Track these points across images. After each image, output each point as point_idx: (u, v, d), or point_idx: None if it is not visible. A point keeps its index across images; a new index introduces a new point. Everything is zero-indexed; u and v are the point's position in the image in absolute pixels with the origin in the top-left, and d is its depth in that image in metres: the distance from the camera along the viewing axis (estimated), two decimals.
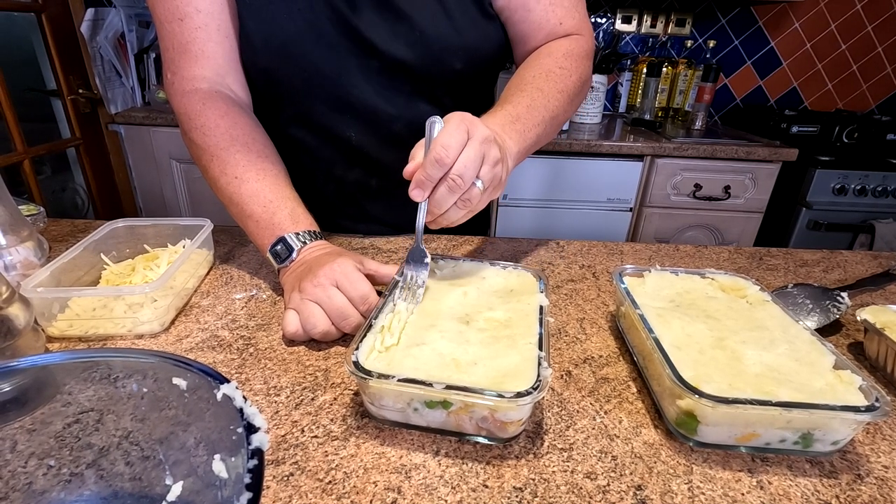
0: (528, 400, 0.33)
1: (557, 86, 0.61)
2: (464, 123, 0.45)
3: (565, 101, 0.62)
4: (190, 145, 0.61)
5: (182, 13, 0.59)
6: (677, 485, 0.35)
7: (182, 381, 0.29)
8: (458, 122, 0.45)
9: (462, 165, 0.44)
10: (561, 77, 0.62)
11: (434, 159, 0.43)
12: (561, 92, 0.61)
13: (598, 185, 1.71)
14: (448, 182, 0.44)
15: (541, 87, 0.60)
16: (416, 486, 0.34)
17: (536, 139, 0.58)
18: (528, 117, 0.56)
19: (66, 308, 0.49)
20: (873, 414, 0.34)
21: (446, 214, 0.47)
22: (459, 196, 0.46)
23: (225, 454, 0.27)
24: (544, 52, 0.65)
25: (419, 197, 0.46)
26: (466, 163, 0.44)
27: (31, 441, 0.30)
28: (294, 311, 0.48)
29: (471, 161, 0.44)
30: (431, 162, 0.43)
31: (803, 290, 0.59)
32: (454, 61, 0.65)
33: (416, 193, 0.46)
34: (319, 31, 0.62)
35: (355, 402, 0.41)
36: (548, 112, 0.59)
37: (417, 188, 0.46)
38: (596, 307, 0.58)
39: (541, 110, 0.58)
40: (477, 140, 0.45)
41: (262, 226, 0.56)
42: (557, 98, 0.60)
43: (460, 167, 0.44)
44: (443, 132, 0.44)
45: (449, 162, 0.43)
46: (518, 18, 0.66)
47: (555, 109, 0.60)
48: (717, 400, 0.34)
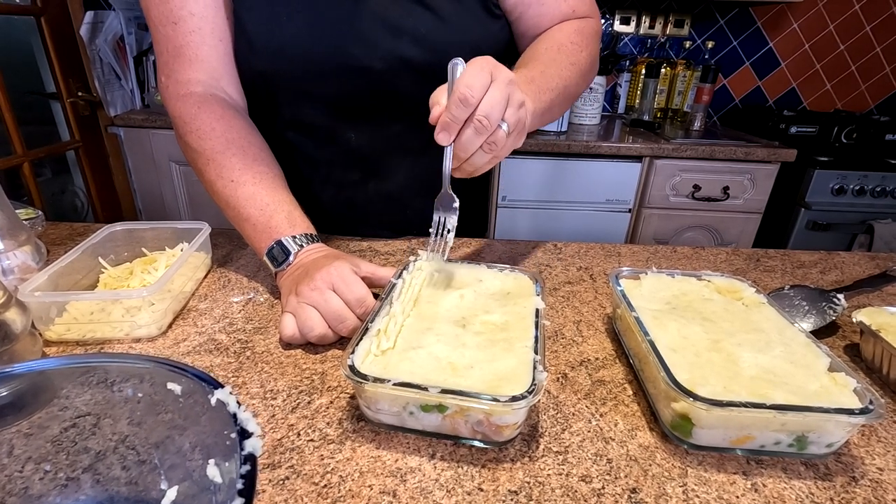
0: (523, 404, 0.34)
1: (570, 58, 0.62)
2: (487, 65, 0.44)
3: (577, 73, 0.62)
4: (185, 149, 0.62)
5: (176, 17, 0.59)
6: (672, 488, 0.35)
7: (177, 386, 0.29)
8: (481, 64, 0.44)
9: (488, 105, 0.43)
10: (573, 51, 0.63)
11: (459, 99, 0.42)
12: (573, 64, 0.62)
13: (596, 186, 1.71)
14: (474, 123, 0.44)
15: (554, 58, 0.61)
16: (411, 489, 0.34)
17: (550, 104, 0.58)
18: (541, 81, 0.56)
19: (64, 312, 0.49)
20: (867, 416, 0.34)
21: (472, 159, 0.47)
22: (485, 138, 0.45)
23: (219, 459, 0.27)
24: (556, 29, 0.67)
25: (445, 140, 0.45)
26: (492, 102, 0.44)
27: (27, 445, 0.30)
28: (291, 314, 0.48)
29: (496, 101, 0.44)
30: (456, 102, 0.42)
31: (800, 292, 0.59)
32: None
33: (442, 137, 0.45)
34: (320, 32, 0.62)
35: (351, 405, 0.41)
36: (561, 80, 0.59)
37: (443, 131, 0.45)
38: (593, 309, 0.58)
39: (554, 77, 0.58)
40: (502, 81, 0.45)
41: (258, 229, 0.56)
42: (570, 69, 0.61)
43: (486, 107, 0.43)
44: (466, 73, 0.43)
45: (474, 101, 0.43)
46: (533, 13, 0.67)
47: (567, 79, 0.60)
48: (712, 403, 0.35)
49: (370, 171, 0.74)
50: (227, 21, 0.62)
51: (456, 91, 0.43)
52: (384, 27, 0.62)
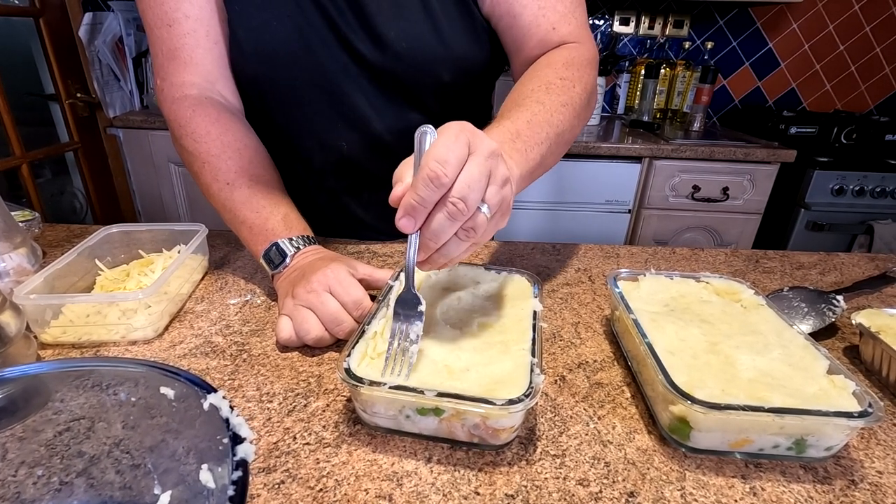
0: (519, 407, 0.33)
1: (560, 98, 0.54)
2: (463, 134, 0.36)
3: (571, 115, 0.54)
4: (181, 152, 0.61)
5: (170, 19, 0.59)
6: (670, 491, 0.34)
7: (170, 390, 0.29)
8: (456, 133, 0.36)
9: (464, 185, 0.35)
10: (563, 88, 0.55)
11: (428, 178, 0.34)
12: (565, 105, 0.54)
13: (596, 186, 1.71)
14: (447, 207, 0.35)
15: (541, 100, 0.52)
16: (407, 493, 0.34)
17: (541, 160, 0.50)
18: (529, 135, 0.49)
19: (60, 314, 0.48)
20: (866, 419, 0.34)
21: (444, 249, 0.38)
22: (461, 224, 0.37)
23: (213, 464, 0.26)
24: (542, 63, 0.59)
25: (409, 227, 0.37)
26: (469, 182, 0.35)
27: (21, 449, 0.30)
28: (287, 316, 0.48)
29: (475, 180, 0.35)
30: (425, 181, 0.34)
31: (799, 294, 0.59)
32: (442, 72, 0.64)
33: (404, 223, 0.36)
34: (309, 40, 0.61)
35: (348, 408, 0.41)
36: (552, 128, 0.51)
37: (407, 216, 0.36)
38: (591, 311, 0.58)
39: (544, 126, 0.50)
40: (482, 154, 0.36)
41: (255, 231, 0.56)
42: (561, 112, 0.53)
43: (462, 187, 0.35)
44: (437, 144, 0.35)
45: (447, 181, 0.34)
46: (505, 25, 0.62)
47: (559, 125, 0.52)
48: (710, 406, 0.34)
49: (363, 179, 0.74)
50: (222, 24, 0.62)
51: (424, 167, 0.34)
52: (371, 35, 0.61)
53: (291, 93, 0.65)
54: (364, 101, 0.66)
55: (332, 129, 0.68)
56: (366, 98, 0.66)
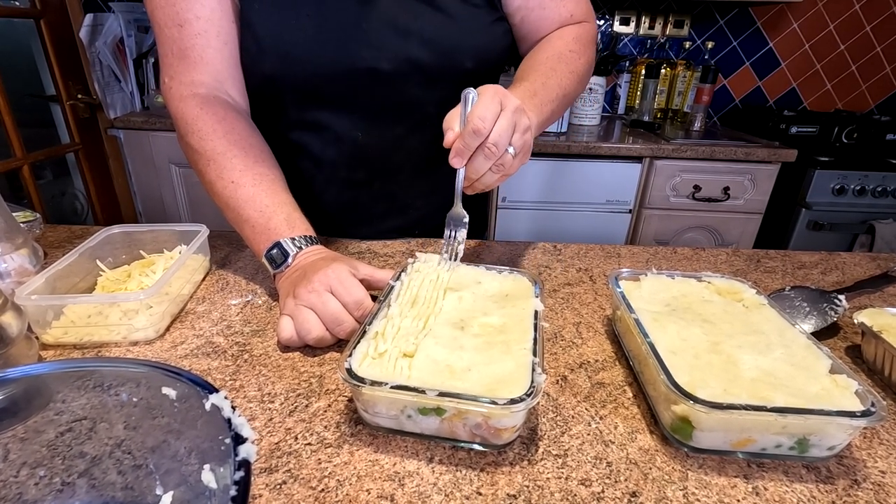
0: (521, 407, 0.33)
1: (569, 66, 0.66)
2: (497, 95, 0.50)
3: (575, 80, 0.67)
4: (186, 150, 0.62)
5: (182, 19, 0.59)
6: (672, 491, 0.34)
7: (172, 390, 0.29)
8: (492, 94, 0.49)
9: (497, 134, 0.49)
10: (571, 59, 0.67)
11: (472, 130, 0.48)
12: (572, 73, 0.66)
13: (597, 186, 1.71)
14: (485, 150, 0.49)
15: (554, 67, 0.65)
16: (409, 493, 0.34)
17: (551, 114, 0.63)
18: (543, 93, 0.61)
19: (61, 315, 0.48)
20: (869, 419, 0.34)
21: (482, 179, 0.52)
22: (494, 161, 0.50)
23: (214, 464, 0.26)
24: (555, 36, 0.71)
25: (459, 164, 0.51)
26: (501, 132, 0.49)
27: (23, 450, 0.30)
28: (289, 316, 0.48)
29: (504, 130, 0.49)
30: (469, 132, 0.48)
31: (800, 293, 0.59)
32: (465, 61, 0.67)
33: (456, 161, 0.50)
34: (328, 36, 0.62)
35: (349, 408, 0.41)
36: (561, 90, 0.64)
37: (457, 156, 0.50)
38: (592, 311, 0.58)
39: (555, 88, 0.63)
40: (509, 110, 0.50)
41: (257, 230, 0.56)
42: (569, 78, 0.66)
43: (495, 136, 0.48)
44: (479, 104, 0.49)
45: (486, 132, 0.48)
46: (535, 17, 0.71)
47: (566, 88, 0.65)
48: (712, 406, 0.34)
49: (375, 171, 0.74)
50: (232, 24, 0.62)
51: (470, 122, 0.48)
52: (392, 29, 0.63)
53: (309, 88, 0.66)
54: (382, 93, 0.67)
55: (348, 121, 0.69)
56: (384, 90, 0.67)
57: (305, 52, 0.62)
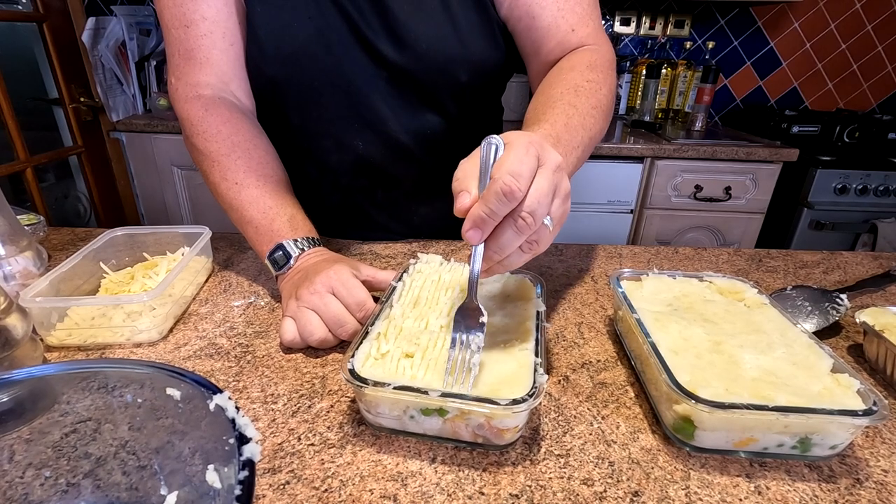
0: (523, 407, 0.33)
1: (590, 101, 0.54)
2: (533, 146, 0.37)
3: (601, 117, 0.55)
4: (192, 150, 0.62)
5: (188, 20, 0.60)
6: (674, 491, 0.34)
7: (176, 391, 0.29)
8: (526, 146, 0.36)
9: (535, 200, 0.35)
10: (591, 91, 0.55)
11: (501, 192, 0.34)
12: (595, 108, 0.54)
13: (598, 187, 1.71)
14: (517, 221, 0.36)
15: (573, 103, 0.52)
16: (412, 493, 0.34)
17: (577, 163, 0.51)
18: (568, 139, 0.48)
19: (65, 317, 0.49)
20: (871, 418, 0.34)
21: (506, 260, 0.39)
22: (527, 237, 0.37)
23: (219, 464, 0.27)
24: (566, 67, 0.59)
25: (476, 239, 0.37)
26: (539, 197, 0.36)
27: (28, 451, 0.30)
28: (291, 318, 0.48)
29: (543, 195, 0.36)
30: (498, 195, 0.34)
31: (802, 293, 0.59)
32: (459, 73, 0.65)
33: (472, 234, 0.37)
34: (329, 40, 0.62)
35: (352, 409, 0.41)
36: (586, 132, 0.52)
37: (475, 228, 0.36)
38: (594, 311, 0.58)
39: (579, 130, 0.51)
40: (549, 168, 0.37)
41: (261, 232, 0.56)
42: (592, 115, 0.53)
43: (532, 203, 0.35)
44: (510, 157, 0.35)
45: (521, 195, 0.35)
46: (524, 27, 0.63)
47: (592, 128, 0.53)
48: (714, 405, 0.34)
49: (378, 178, 0.74)
50: (238, 26, 0.62)
51: (498, 181, 0.34)
52: (391, 36, 0.62)
53: (310, 93, 0.66)
54: (382, 102, 0.66)
55: (349, 129, 0.69)
56: (383, 98, 0.66)
57: (305, 57, 0.62)
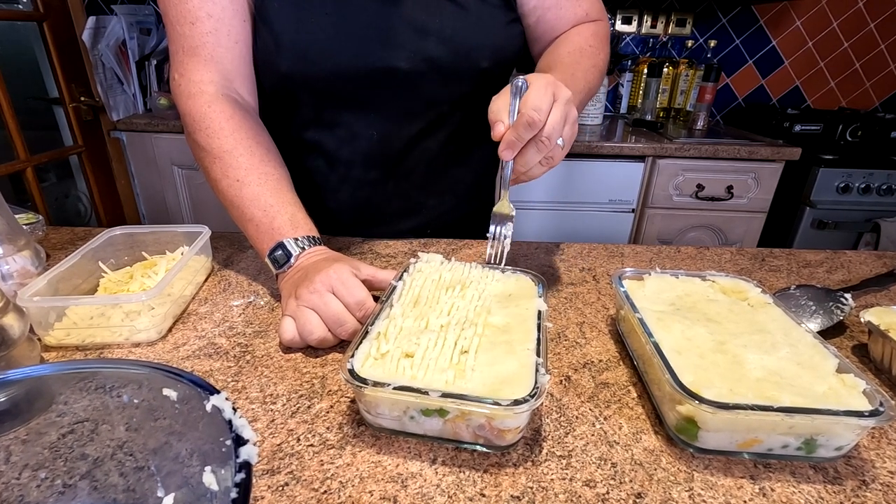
0: (525, 408, 0.33)
1: (591, 61, 0.67)
2: (550, 86, 0.48)
3: (597, 74, 0.68)
4: (193, 147, 0.62)
5: (193, 17, 0.59)
6: (678, 492, 0.34)
7: (173, 392, 0.29)
8: (544, 84, 0.48)
9: (551, 126, 0.47)
10: (592, 54, 0.68)
11: (527, 122, 0.46)
12: (594, 66, 0.67)
13: (599, 186, 1.70)
14: (538, 143, 0.48)
15: (577, 60, 0.66)
16: (412, 495, 0.33)
17: (580, 105, 0.63)
18: (573, 85, 0.59)
19: (64, 317, 0.48)
20: (877, 419, 0.33)
21: (530, 171, 0.51)
22: (545, 154, 0.49)
23: (216, 466, 0.26)
24: (573, 33, 0.71)
25: (509, 156, 0.49)
26: (554, 124, 0.47)
27: (25, 452, 0.30)
28: (291, 317, 0.48)
29: (557, 122, 0.48)
30: (524, 125, 0.46)
31: (806, 292, 0.58)
32: (481, 60, 0.68)
33: (507, 153, 0.49)
34: (346, 34, 0.62)
35: (352, 409, 0.41)
36: (586, 83, 0.64)
37: (508, 148, 0.49)
38: (596, 311, 0.58)
39: (581, 80, 0.63)
40: (562, 101, 0.49)
41: (261, 230, 0.56)
42: (591, 72, 0.66)
43: (549, 129, 0.47)
44: (532, 94, 0.47)
45: (541, 124, 0.47)
46: (551, 16, 0.71)
47: (590, 81, 0.66)
48: (718, 406, 0.34)
49: (389, 170, 0.74)
50: (243, 23, 0.62)
51: (524, 113, 0.46)
52: (410, 28, 0.63)
53: (325, 86, 0.66)
54: (399, 91, 0.67)
55: (363, 119, 0.69)
56: (401, 88, 0.67)
57: (323, 51, 0.62)
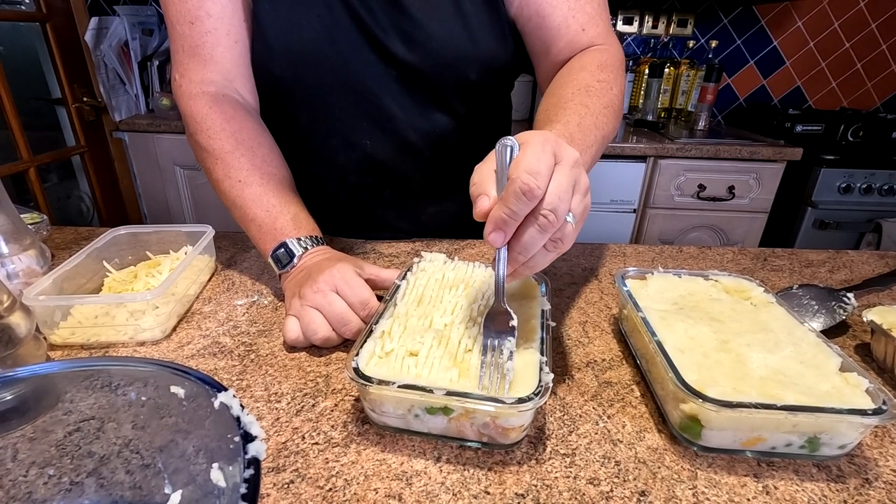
0: (529, 406, 0.33)
1: (601, 100, 0.54)
2: (548, 144, 0.37)
3: (612, 117, 0.55)
4: (195, 147, 0.62)
5: (193, 16, 0.59)
6: (681, 490, 0.34)
7: (180, 389, 0.29)
8: (542, 144, 0.36)
9: (555, 197, 0.35)
10: (602, 91, 0.55)
11: (520, 191, 0.34)
12: (606, 107, 0.54)
13: (601, 186, 1.70)
14: (539, 220, 0.35)
15: (585, 103, 0.52)
16: (417, 492, 0.34)
17: (591, 162, 0.51)
18: (581, 138, 0.48)
19: (69, 316, 0.49)
20: (881, 417, 0.33)
21: (531, 261, 0.38)
22: (550, 235, 0.37)
23: (223, 462, 0.26)
24: (576, 67, 0.59)
25: (499, 241, 0.37)
26: (559, 193, 0.35)
27: (32, 450, 0.30)
28: (295, 317, 0.48)
29: (563, 191, 0.36)
30: (517, 195, 0.34)
31: (808, 291, 0.58)
32: (468, 71, 0.65)
33: (494, 237, 0.36)
34: (337, 38, 0.62)
35: (356, 407, 0.41)
36: (599, 131, 0.51)
37: (497, 231, 0.36)
38: (599, 310, 0.58)
39: (592, 129, 0.50)
40: (567, 164, 0.37)
41: (264, 230, 0.56)
42: (604, 114, 0.53)
43: (553, 199, 0.35)
44: (527, 156, 0.35)
45: (540, 193, 0.34)
46: (534, 26, 0.63)
47: (604, 128, 0.53)
48: (721, 404, 0.34)
49: (386, 177, 0.74)
50: (243, 24, 0.62)
51: (516, 180, 0.34)
52: (399, 35, 0.62)
53: (318, 92, 0.66)
54: (390, 100, 0.66)
55: (356, 127, 0.69)
56: (392, 97, 0.66)
57: (313, 56, 0.62)
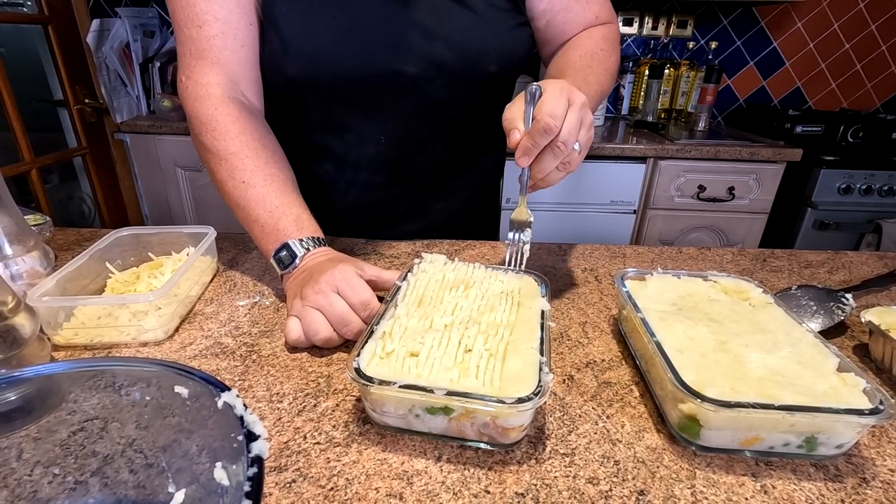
0: (529, 406, 0.33)
1: (603, 65, 0.67)
2: (564, 91, 0.49)
3: (609, 78, 0.68)
4: (199, 148, 0.62)
5: (201, 20, 0.60)
6: (680, 490, 0.34)
7: (184, 389, 0.29)
8: (559, 90, 0.48)
9: (566, 132, 0.47)
10: (604, 57, 0.68)
11: (542, 128, 0.46)
12: (606, 70, 0.67)
13: (601, 187, 1.71)
14: (554, 148, 0.48)
15: (589, 64, 0.66)
16: (417, 492, 0.34)
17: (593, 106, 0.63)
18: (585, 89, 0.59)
19: (72, 317, 0.49)
20: (878, 417, 0.34)
21: (547, 177, 0.51)
22: (561, 159, 0.49)
23: (226, 461, 0.27)
24: (584, 36, 0.71)
25: (526, 163, 0.50)
26: (570, 129, 0.48)
27: (36, 449, 0.31)
28: (296, 317, 0.48)
29: (573, 127, 0.48)
30: (539, 131, 0.47)
31: (807, 292, 0.58)
32: (489, 64, 0.68)
33: (523, 160, 0.50)
34: (353, 38, 0.63)
35: (357, 407, 0.41)
36: (598, 87, 0.65)
37: (525, 155, 0.49)
38: (598, 311, 0.58)
39: (594, 85, 0.64)
40: (577, 106, 0.49)
41: (266, 231, 0.57)
42: (604, 75, 0.67)
43: (565, 134, 0.47)
44: (547, 100, 0.47)
45: (556, 130, 0.47)
46: (561, 20, 0.72)
47: (602, 85, 0.66)
48: (720, 404, 0.34)
49: (397, 173, 0.75)
50: (250, 27, 0.63)
51: (540, 120, 0.46)
52: (418, 32, 0.63)
53: (332, 90, 0.66)
54: (406, 96, 0.67)
55: (371, 124, 0.70)
56: (408, 92, 0.67)
57: (330, 55, 0.63)
